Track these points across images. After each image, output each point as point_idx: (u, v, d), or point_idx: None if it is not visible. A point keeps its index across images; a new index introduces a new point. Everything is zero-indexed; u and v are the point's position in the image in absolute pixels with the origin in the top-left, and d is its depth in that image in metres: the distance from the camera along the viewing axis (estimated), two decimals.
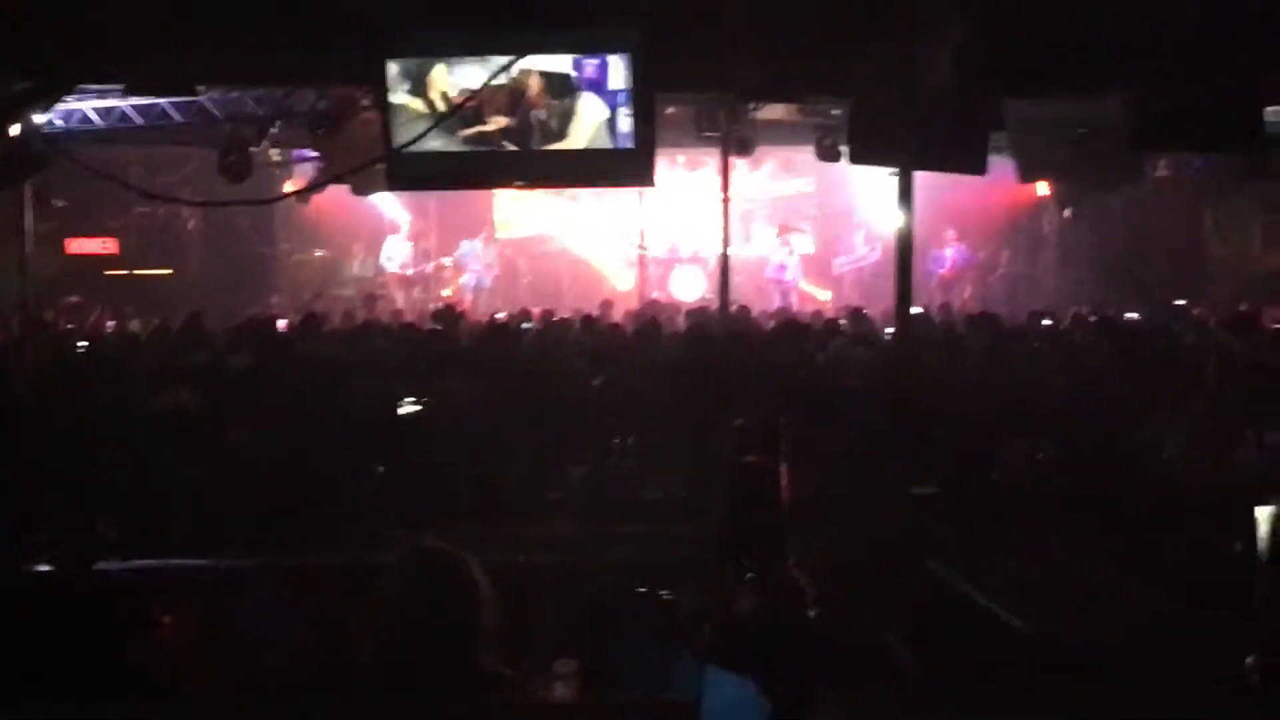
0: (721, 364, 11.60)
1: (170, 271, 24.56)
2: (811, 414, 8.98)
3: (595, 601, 5.05)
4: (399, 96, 10.00)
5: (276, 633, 4.99)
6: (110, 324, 19.89)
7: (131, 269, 24.22)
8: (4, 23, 9.06)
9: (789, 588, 1.68)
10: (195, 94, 16.26)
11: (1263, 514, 4.41)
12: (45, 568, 5.63)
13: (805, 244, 26.02)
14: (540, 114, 10.02)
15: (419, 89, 9.96)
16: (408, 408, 9.52)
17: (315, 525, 6.65)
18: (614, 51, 9.93)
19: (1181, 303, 20.78)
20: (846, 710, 1.71)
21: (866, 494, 7.04)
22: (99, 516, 6.11)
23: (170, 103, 17.75)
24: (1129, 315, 18.94)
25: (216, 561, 5.75)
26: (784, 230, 25.36)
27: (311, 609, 5.11)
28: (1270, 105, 13.92)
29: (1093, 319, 16.69)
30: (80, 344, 14.88)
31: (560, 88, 9.97)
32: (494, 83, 9.69)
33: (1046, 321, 16.88)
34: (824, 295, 25.97)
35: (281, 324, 17.07)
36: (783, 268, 25.10)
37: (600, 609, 4.99)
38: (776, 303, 24.06)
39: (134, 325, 18.56)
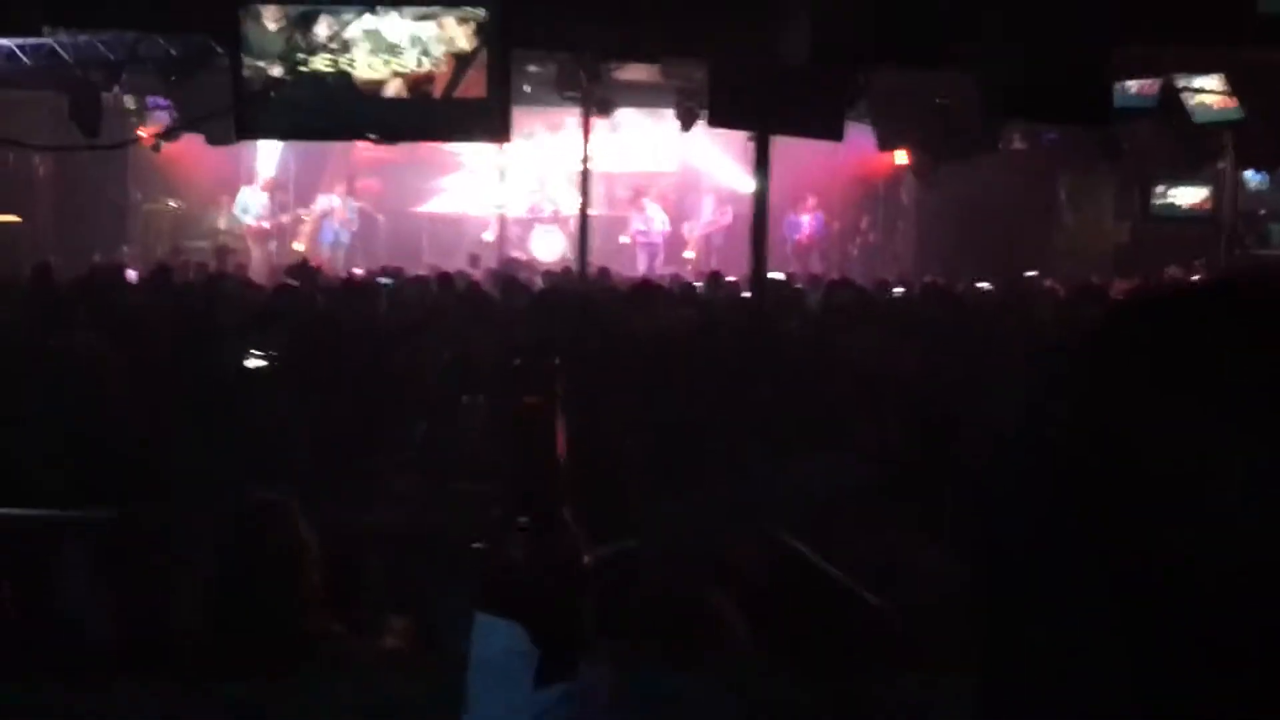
0: (571, 326, 11.58)
1: (19, 219, 24.00)
2: (646, 377, 9.01)
3: (429, 558, 5.02)
4: (252, 44, 9.83)
5: (94, 591, 4.89)
6: None
7: None
8: None
9: (562, 532, 1.66)
10: (41, 35, 15.88)
11: None
12: None
13: (659, 211, 26.04)
14: (395, 67, 9.90)
15: (273, 37, 9.80)
16: (253, 361, 9.39)
17: (147, 480, 6.52)
18: (471, 5, 9.84)
19: (1033, 274, 21.14)
20: (620, 659, 1.71)
21: (712, 462, 7.04)
22: None
23: (17, 44, 17.32)
24: (980, 285, 19.22)
25: (34, 513, 5.58)
26: (639, 194, 25.43)
27: (134, 566, 5.01)
28: (1120, 79, 14.21)
29: (946, 289, 16.89)
30: None
31: (415, 38, 9.87)
32: (347, 33, 9.56)
33: (899, 290, 17.04)
34: (689, 255, 26.05)
35: (131, 275, 16.77)
36: (646, 231, 25.18)
37: (434, 566, 4.96)
38: (641, 264, 24.16)
39: None
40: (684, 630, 3.97)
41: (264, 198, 25.22)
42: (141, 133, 22.10)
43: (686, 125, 19.51)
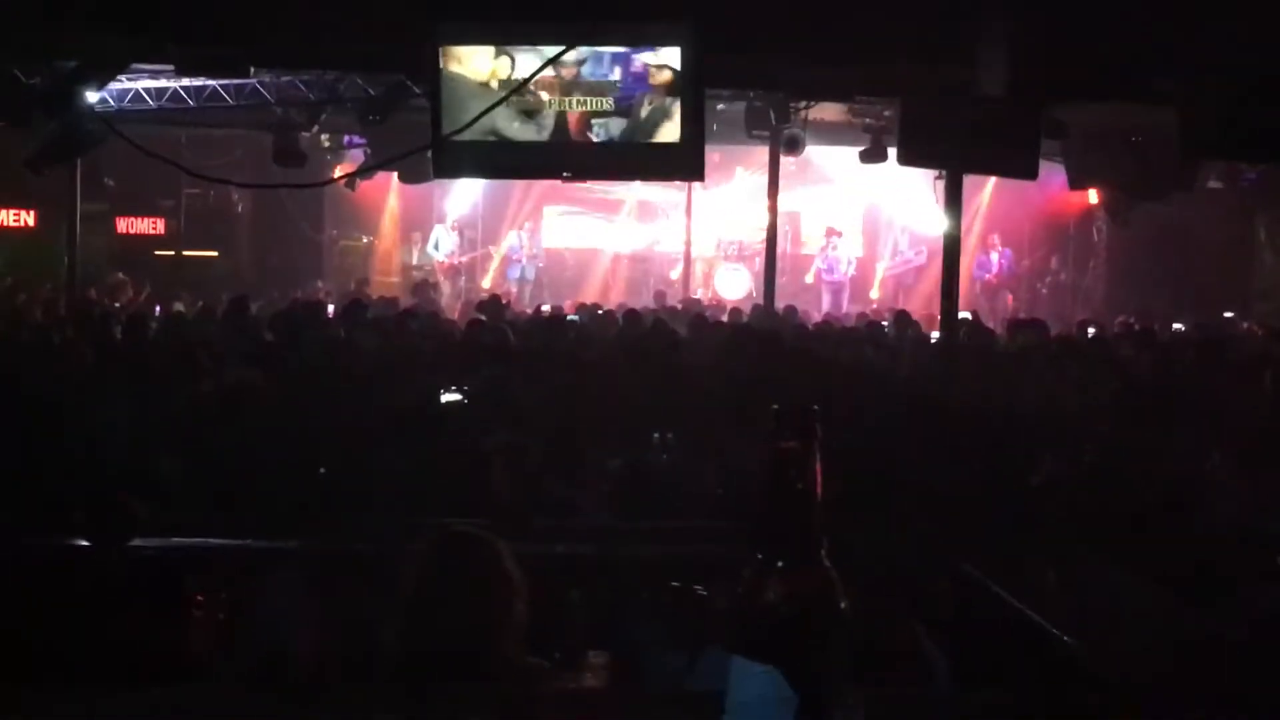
0: (761, 362, 11.59)
1: (217, 254, 24.69)
2: (840, 413, 8.96)
3: (629, 595, 5.05)
4: (449, 84, 10.01)
5: (303, 617, 5.00)
6: (153, 303, 19.98)
7: (179, 250, 24.36)
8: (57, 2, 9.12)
9: (820, 577, 1.65)
10: (247, 76, 16.33)
11: None
12: (80, 542, 5.66)
13: (852, 246, 25.94)
14: (590, 106, 10.01)
15: (469, 77, 9.97)
16: (449, 396, 9.53)
17: (352, 512, 6.66)
18: (666, 45, 9.92)
19: (1230, 315, 20.64)
20: (875, 705, 1.70)
21: (900, 495, 6.99)
22: (133, 494, 6.11)
23: (222, 84, 17.85)
24: (1176, 326, 18.84)
25: (248, 542, 5.76)
26: (830, 232, 25.33)
27: (341, 594, 5.11)
28: None
29: (1137, 329, 16.59)
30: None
31: (611, 81, 9.97)
32: (544, 73, 9.69)
33: (1092, 331, 16.75)
34: (874, 294, 25.92)
35: (328, 310, 17.15)
36: (831, 269, 25.08)
37: (633, 602, 4.99)
38: (826, 303, 24.08)
39: (178, 306, 18.64)
40: (893, 665, 3.95)
41: (454, 235, 25.65)
42: (338, 171, 22.59)
43: (875, 161, 19.40)
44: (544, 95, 10.03)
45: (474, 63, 9.89)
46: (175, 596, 5.08)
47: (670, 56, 9.92)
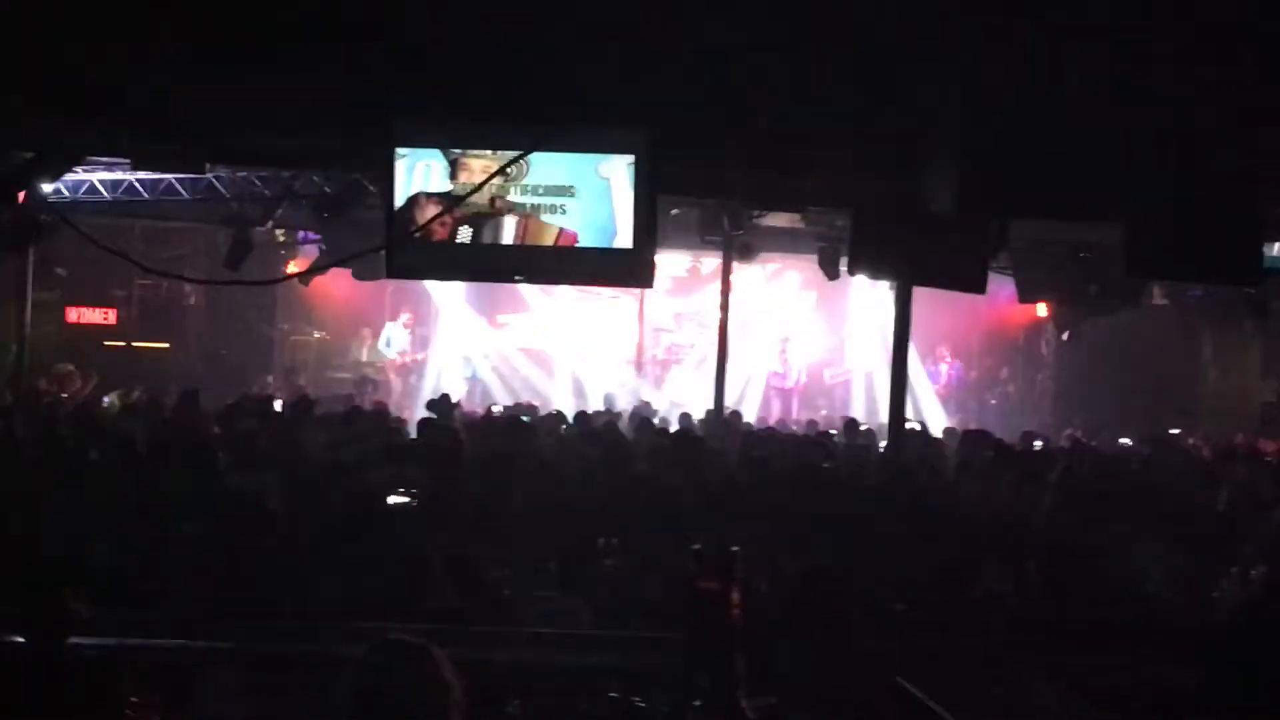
0: (708, 470, 11.62)
1: (168, 345, 24.57)
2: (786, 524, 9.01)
3: (567, 705, 5.02)
4: (402, 185, 10.04)
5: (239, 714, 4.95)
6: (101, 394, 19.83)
7: (130, 340, 24.22)
8: (15, 93, 9.13)
9: (734, 716, 1.67)
10: (203, 171, 16.36)
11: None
12: (16, 639, 5.58)
13: (803, 354, 26.06)
14: (544, 210, 10.06)
15: (424, 179, 10.01)
16: (396, 498, 9.50)
17: (294, 613, 6.62)
18: (620, 152, 9.99)
19: (1176, 432, 20.79)
20: None
21: (842, 608, 6.99)
22: (75, 591, 6.05)
23: (178, 178, 17.88)
24: (1122, 441, 18.97)
25: (187, 642, 5.70)
26: (782, 340, 25.46)
27: (277, 698, 5.07)
28: (1271, 240, 14.04)
29: (1088, 443, 16.72)
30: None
31: (564, 185, 10.03)
32: (498, 176, 9.74)
33: (1038, 444, 16.84)
34: (819, 404, 25.97)
35: (277, 405, 17.09)
36: (782, 375, 25.18)
37: (571, 713, 4.96)
38: (776, 409, 24.14)
39: (109, 398, 18.43)
40: None
41: (406, 333, 25.64)
42: (292, 267, 22.58)
43: (828, 272, 19.55)
44: (497, 198, 10.07)
45: (428, 164, 9.94)
46: (111, 697, 5.03)
47: (624, 163, 9.99)
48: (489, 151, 9.90)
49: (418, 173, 9.98)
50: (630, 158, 9.93)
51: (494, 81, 8.66)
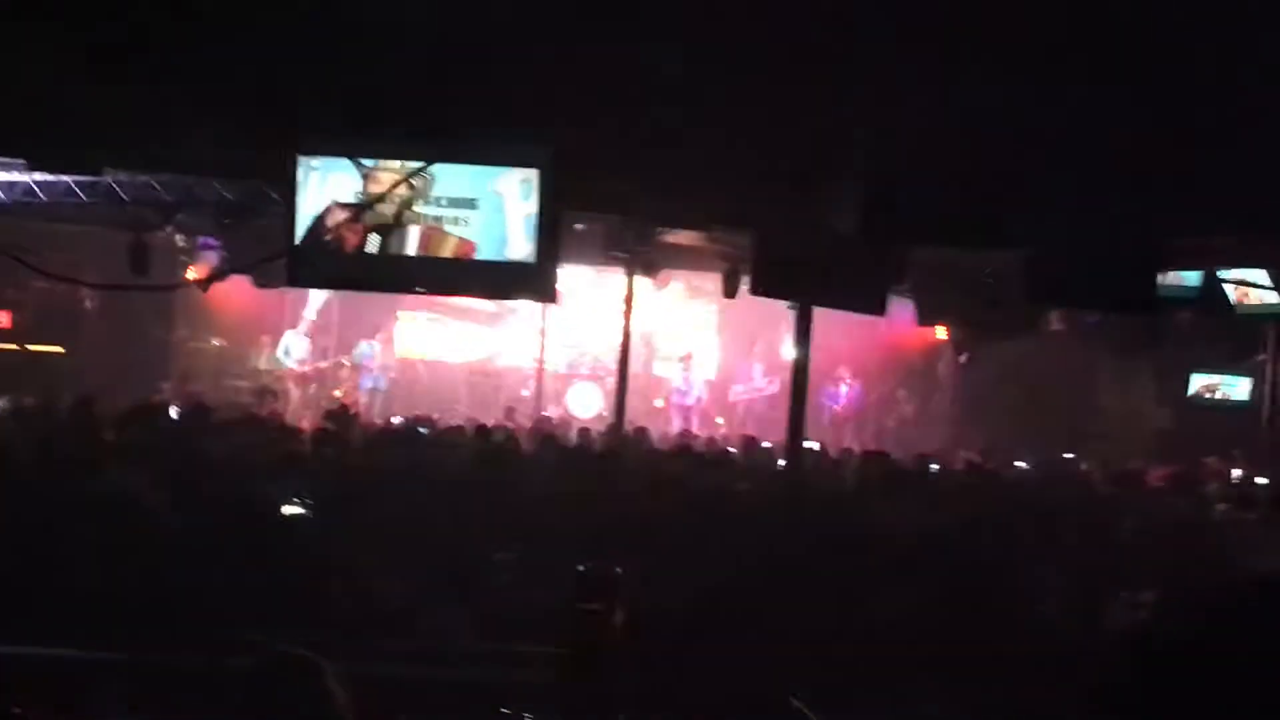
0: (608, 485, 11.61)
1: (63, 350, 24.23)
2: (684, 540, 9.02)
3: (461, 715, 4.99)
4: (305, 193, 9.96)
5: None
6: None
7: (23, 343, 23.87)
8: None
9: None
10: (101, 174, 16.15)
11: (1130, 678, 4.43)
12: None
13: (705, 370, 26.20)
14: (446, 222, 10.02)
15: (326, 188, 9.94)
16: (291, 508, 9.42)
17: (184, 623, 6.53)
18: (524, 166, 9.97)
19: (1070, 456, 21.05)
20: None
21: (739, 629, 7.02)
22: None
23: (76, 181, 17.63)
24: (1018, 464, 19.17)
25: (73, 653, 5.61)
26: (686, 357, 25.57)
27: (167, 710, 5.00)
28: (1167, 269, 14.27)
29: (983, 466, 16.87)
30: None
31: (467, 198, 9.99)
32: (401, 189, 9.69)
33: (934, 466, 16.99)
34: (719, 422, 26.07)
35: (173, 412, 16.89)
36: (683, 392, 25.28)
37: None
38: (676, 425, 24.21)
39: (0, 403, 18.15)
40: None
41: (306, 342, 25.48)
42: (191, 273, 22.36)
43: (730, 291, 19.62)
44: (403, 210, 10.01)
45: (330, 172, 9.87)
46: None
47: (527, 176, 9.97)
48: (395, 162, 9.84)
49: (321, 181, 9.91)
50: (535, 172, 9.91)
51: (401, 92, 8.62)
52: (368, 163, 9.85)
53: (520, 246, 9.97)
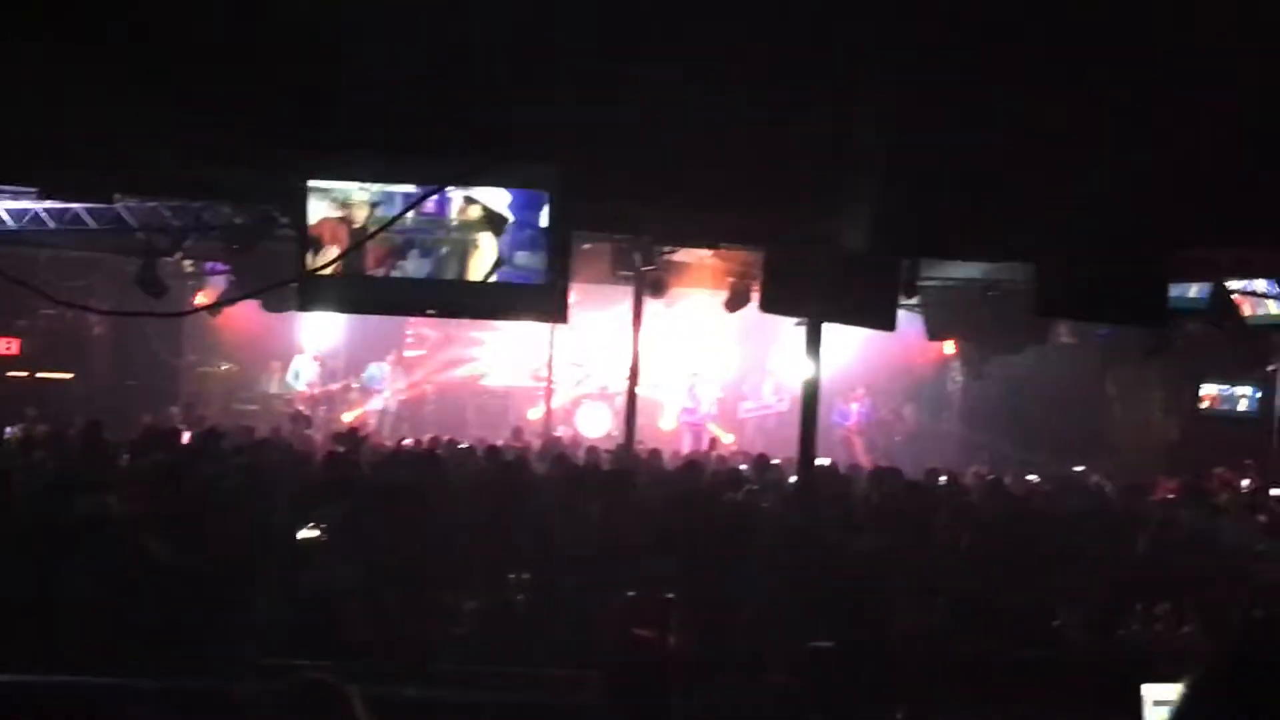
0: (623, 506, 11.61)
1: (72, 376, 24.26)
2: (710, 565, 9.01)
3: None
4: (316, 218, 9.98)
5: None
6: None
7: (33, 370, 23.90)
8: None
9: None
10: (111, 201, 16.16)
11: (1148, 692, 4.44)
12: None
13: (714, 388, 26.20)
14: (457, 244, 10.04)
15: (336, 213, 9.96)
16: (306, 533, 9.43)
17: (204, 648, 6.54)
18: (534, 188, 9.99)
19: (1080, 468, 21.03)
20: None
21: (763, 648, 7.02)
22: None
23: (85, 208, 17.65)
24: (1029, 478, 19.15)
25: (96, 679, 5.62)
26: (693, 375, 25.61)
27: None
28: (1175, 281, 14.28)
29: (990, 479, 16.85)
30: None
31: (479, 220, 10.01)
32: (411, 213, 9.72)
33: (944, 479, 16.97)
34: (728, 439, 26.03)
35: (184, 436, 16.90)
36: (692, 410, 25.31)
37: None
38: (687, 443, 24.21)
39: (10, 430, 18.16)
40: None
41: (316, 365, 25.51)
42: (201, 298, 22.39)
43: (737, 308, 19.58)
44: (409, 232, 10.03)
45: (342, 198, 9.89)
46: None
47: (537, 198, 9.99)
48: (405, 186, 9.86)
49: (330, 205, 9.93)
50: (544, 194, 9.93)
51: (410, 116, 8.63)
52: (377, 187, 9.87)
53: (531, 267, 9.99)
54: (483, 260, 9.97)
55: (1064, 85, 7.57)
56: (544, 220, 9.95)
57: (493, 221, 10.00)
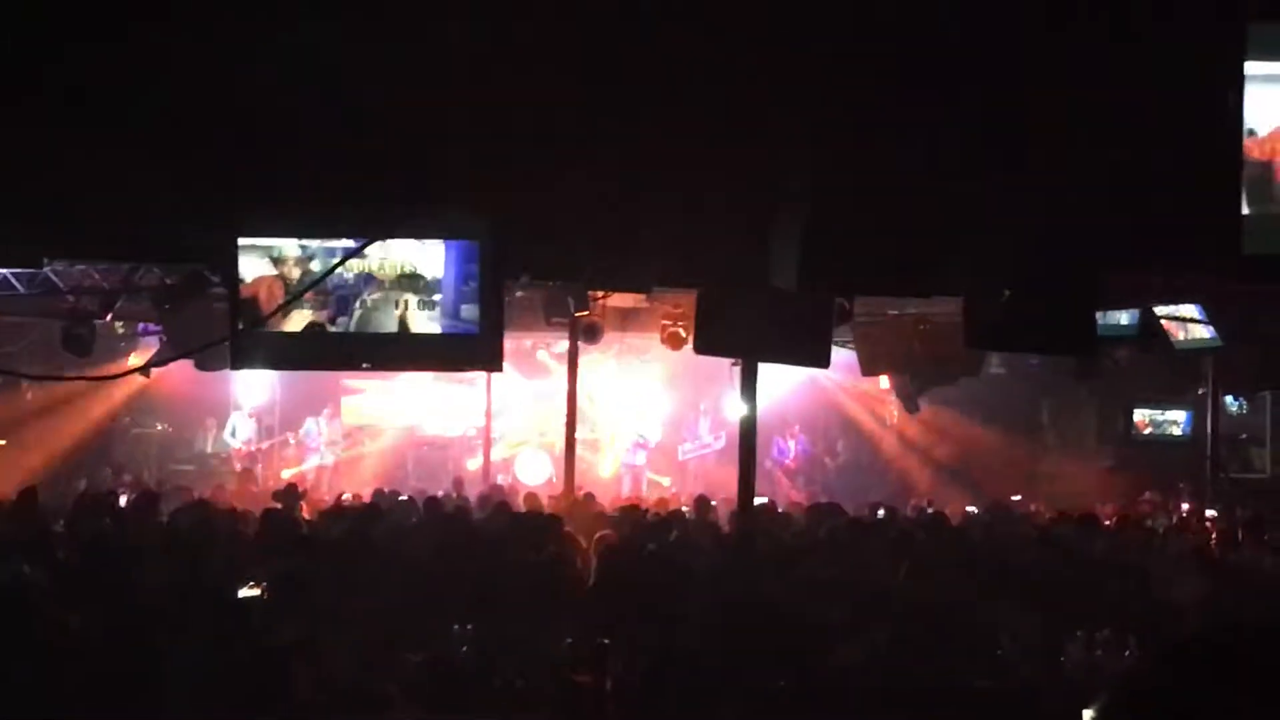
0: (564, 552, 11.62)
1: (4, 442, 24.00)
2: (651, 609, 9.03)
3: None
4: (250, 275, 9.98)
5: None
6: None
7: None
8: None
9: None
10: (39, 266, 16.04)
11: (1088, 715, 4.49)
12: None
13: (652, 431, 26.23)
14: (388, 299, 10.05)
15: (267, 269, 9.95)
16: (247, 591, 9.39)
17: (148, 709, 6.51)
18: (464, 238, 10.02)
19: (1017, 498, 21.21)
20: None
21: (707, 686, 7.04)
22: None
23: (13, 273, 17.50)
24: (967, 509, 19.28)
25: None
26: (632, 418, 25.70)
27: None
28: (1104, 308, 14.44)
29: (929, 512, 16.97)
30: None
31: (409, 273, 10.03)
32: (341, 268, 9.73)
33: (882, 512, 17.06)
34: (665, 481, 26.06)
35: (121, 501, 16.77)
36: (633, 453, 25.37)
37: None
38: (627, 488, 24.24)
39: None
40: None
41: (251, 422, 25.37)
42: (133, 359, 22.22)
43: (674, 348, 19.62)
44: (342, 287, 10.03)
45: (275, 254, 9.89)
46: None
47: (468, 248, 10.02)
48: (336, 241, 9.88)
49: (261, 262, 9.93)
50: (475, 244, 9.96)
51: (340, 171, 8.66)
52: (308, 242, 9.88)
53: (463, 318, 10.01)
54: (414, 314, 9.98)
55: (986, 119, 7.70)
56: (475, 270, 9.98)
57: (422, 276, 10.02)
